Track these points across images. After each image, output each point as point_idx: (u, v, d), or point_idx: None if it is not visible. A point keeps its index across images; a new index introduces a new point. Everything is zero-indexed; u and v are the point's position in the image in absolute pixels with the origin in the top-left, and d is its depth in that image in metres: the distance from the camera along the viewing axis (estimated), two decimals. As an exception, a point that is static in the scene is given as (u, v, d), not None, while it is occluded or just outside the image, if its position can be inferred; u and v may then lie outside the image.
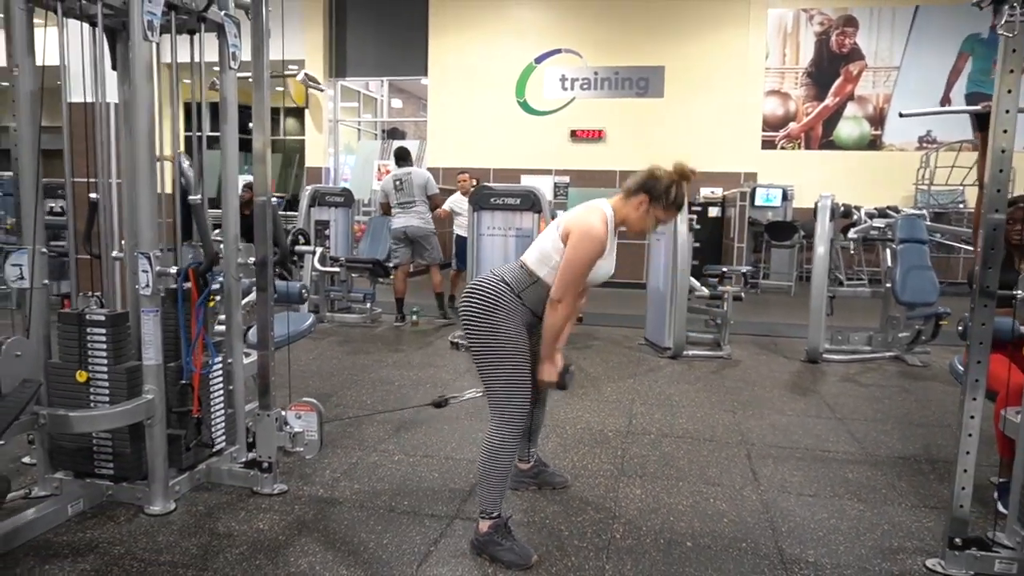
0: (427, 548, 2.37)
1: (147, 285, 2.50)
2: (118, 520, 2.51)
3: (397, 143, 14.08)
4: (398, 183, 6.42)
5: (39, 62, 2.60)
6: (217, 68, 2.96)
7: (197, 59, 2.82)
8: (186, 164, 6.70)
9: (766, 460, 3.27)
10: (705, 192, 10.77)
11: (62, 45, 2.63)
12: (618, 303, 8.00)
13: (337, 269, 6.25)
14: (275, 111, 16.26)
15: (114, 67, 2.87)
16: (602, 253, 2.31)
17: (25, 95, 2.57)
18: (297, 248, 6.23)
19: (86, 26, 2.66)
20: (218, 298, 2.85)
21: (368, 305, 6.51)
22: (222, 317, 3.00)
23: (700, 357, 5.36)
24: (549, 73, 11.22)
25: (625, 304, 7.69)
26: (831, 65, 10.61)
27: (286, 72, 11.84)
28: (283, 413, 2.78)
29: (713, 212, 10.43)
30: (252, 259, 2.84)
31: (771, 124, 10.77)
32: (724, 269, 5.45)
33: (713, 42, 10.73)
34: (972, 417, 2.28)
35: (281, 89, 12.83)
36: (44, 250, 2.63)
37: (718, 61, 10.71)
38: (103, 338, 2.56)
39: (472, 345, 2.36)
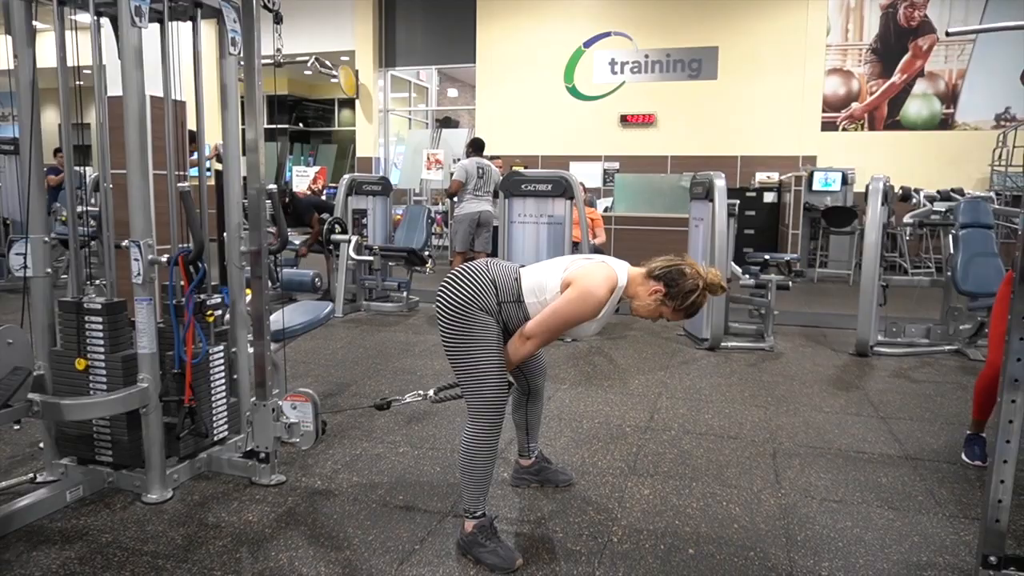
0: (412, 546, 2.28)
1: (138, 274, 2.49)
2: (113, 507, 2.53)
3: (452, 131, 14.10)
4: (481, 171, 6.52)
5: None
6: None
7: (201, 47, 2.80)
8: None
9: (792, 461, 3.05)
10: (760, 176, 10.34)
11: (94, 39, 2.62)
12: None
13: (371, 258, 6.24)
14: (330, 102, 16.54)
15: (120, 56, 2.88)
16: (593, 317, 2.18)
17: (24, 86, 2.59)
18: (333, 237, 6.27)
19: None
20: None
21: (404, 294, 6.49)
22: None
23: (739, 349, 5.11)
24: (598, 57, 10.96)
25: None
26: (898, 40, 9.98)
27: (285, 58, 11.92)
28: (280, 403, 2.74)
29: (768, 197, 9.99)
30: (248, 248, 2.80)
31: (832, 104, 10.23)
32: (766, 256, 5.16)
33: (770, 19, 10.26)
34: (1011, 422, 2.03)
35: (335, 80, 12.95)
36: (47, 239, 2.66)
37: (775, 39, 10.24)
38: (100, 326, 2.57)
39: (445, 338, 2.24)
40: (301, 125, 17.25)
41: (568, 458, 3.04)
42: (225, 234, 2.91)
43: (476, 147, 6.87)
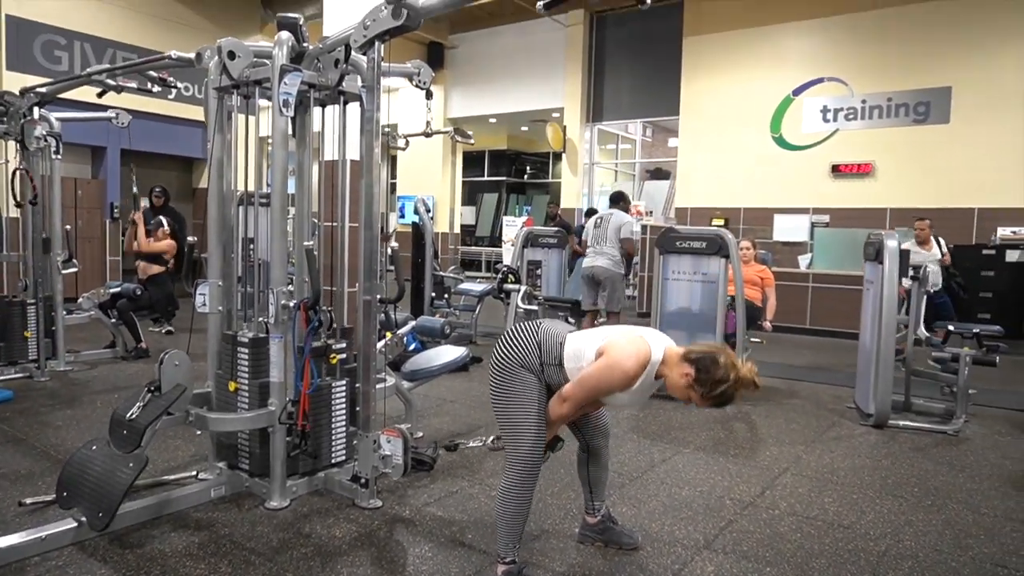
0: (455, 582, 2.46)
1: (273, 315, 3.02)
2: (242, 507, 3.04)
3: (656, 183, 14.19)
4: (598, 221, 6.54)
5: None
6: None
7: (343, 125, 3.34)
8: (423, 209, 7.55)
9: (902, 563, 2.70)
10: (1004, 232, 8.97)
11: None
12: (839, 357, 7.06)
13: (536, 307, 6.55)
14: (545, 155, 17.50)
15: (293, 134, 3.53)
16: (625, 388, 2.25)
17: (216, 162, 3.30)
18: (505, 286, 6.70)
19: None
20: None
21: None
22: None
23: (912, 429, 4.52)
24: (808, 105, 10.38)
25: (850, 359, 6.76)
26: None
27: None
28: (380, 436, 3.09)
29: (1013, 256, 8.61)
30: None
31: (1103, 148, 8.58)
32: (949, 326, 4.52)
33: (1020, 54, 8.96)
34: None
35: (550, 135, 13.76)
36: (220, 283, 3.32)
37: (1026, 75, 8.91)
38: (245, 357, 3.15)
39: (491, 390, 2.41)
40: (525, 177, 18.50)
41: (648, 523, 2.99)
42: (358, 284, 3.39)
43: (612, 200, 6.70)
